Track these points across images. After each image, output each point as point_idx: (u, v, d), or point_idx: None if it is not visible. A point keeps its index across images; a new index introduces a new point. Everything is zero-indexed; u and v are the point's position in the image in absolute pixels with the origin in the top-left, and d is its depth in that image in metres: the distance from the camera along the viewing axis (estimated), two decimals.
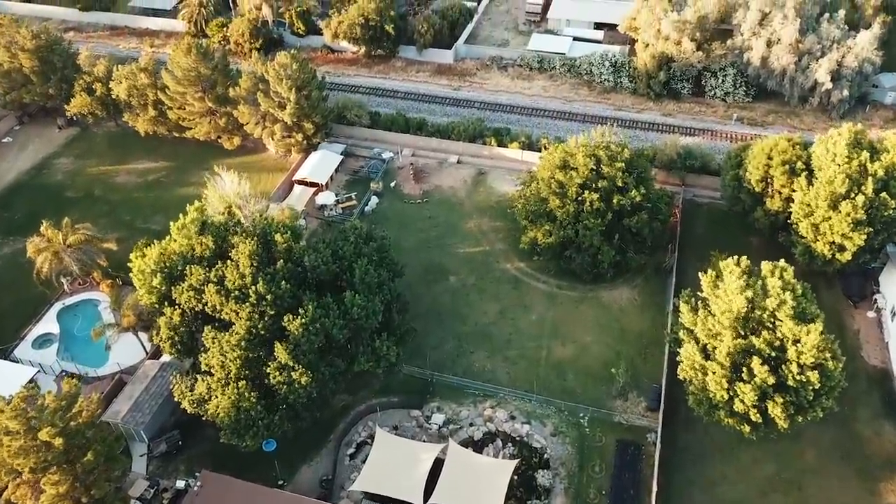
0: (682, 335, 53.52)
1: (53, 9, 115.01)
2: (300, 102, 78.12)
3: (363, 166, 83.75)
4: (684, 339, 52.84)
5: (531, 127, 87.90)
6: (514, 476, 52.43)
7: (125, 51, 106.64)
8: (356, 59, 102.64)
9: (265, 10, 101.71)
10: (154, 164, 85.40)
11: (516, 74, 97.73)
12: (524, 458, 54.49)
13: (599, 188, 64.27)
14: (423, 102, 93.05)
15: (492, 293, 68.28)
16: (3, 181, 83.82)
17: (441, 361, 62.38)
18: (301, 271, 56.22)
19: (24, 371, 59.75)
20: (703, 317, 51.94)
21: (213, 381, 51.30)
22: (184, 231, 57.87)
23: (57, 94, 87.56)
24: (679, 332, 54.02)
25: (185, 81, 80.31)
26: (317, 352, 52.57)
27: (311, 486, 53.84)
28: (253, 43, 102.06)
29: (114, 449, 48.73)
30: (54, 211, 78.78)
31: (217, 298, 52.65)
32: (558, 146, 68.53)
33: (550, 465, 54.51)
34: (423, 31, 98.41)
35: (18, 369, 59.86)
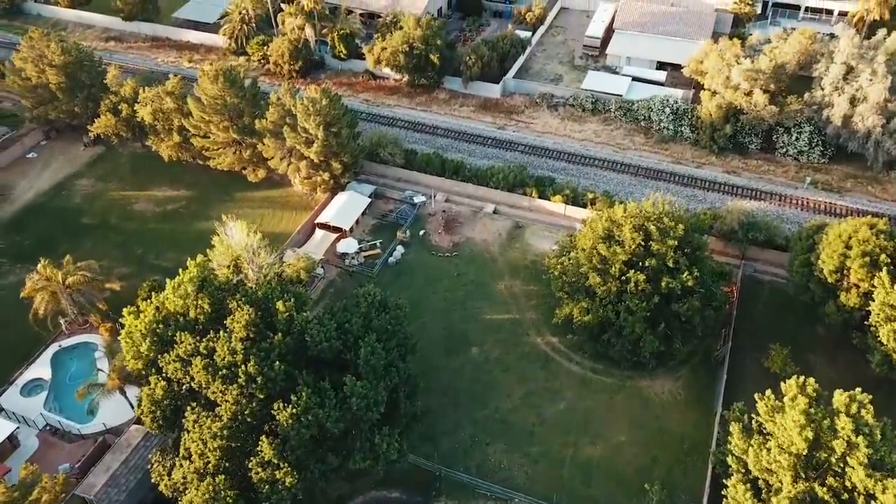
0: (730, 461, 45.71)
1: (98, 17, 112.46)
2: (328, 140, 72.58)
3: (392, 210, 77.72)
4: (733, 468, 45.05)
5: (578, 177, 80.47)
6: None
7: (163, 64, 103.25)
8: (398, 87, 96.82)
9: (307, 30, 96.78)
10: (175, 193, 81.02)
11: (567, 115, 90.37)
12: None
13: (647, 267, 56.74)
14: (464, 141, 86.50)
15: (517, 372, 61.36)
16: (21, 201, 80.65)
17: (453, 451, 55.79)
18: (301, 346, 50.40)
19: (3, 426, 55.38)
20: (756, 445, 44.05)
21: (189, 470, 45.86)
22: (180, 290, 52.60)
23: (83, 112, 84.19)
24: (727, 457, 46.16)
25: (209, 109, 75.64)
26: (308, 444, 46.68)
27: None
28: (293, 64, 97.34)
29: None
30: (67, 238, 75.58)
31: (203, 376, 47.23)
32: (603, 214, 61.12)
33: None
34: (471, 63, 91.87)
35: (2, 426, 55.51)
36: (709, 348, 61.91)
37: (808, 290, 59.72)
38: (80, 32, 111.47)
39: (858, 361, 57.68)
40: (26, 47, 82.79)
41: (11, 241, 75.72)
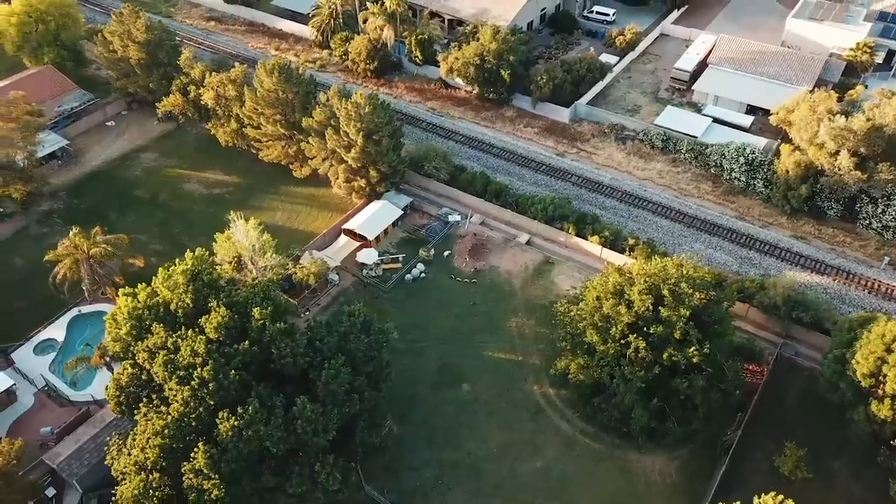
0: None
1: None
2: (367, 148, 71.68)
3: (424, 226, 75.85)
4: None
5: (626, 218, 75.31)
6: None
7: (251, 50, 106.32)
8: (468, 99, 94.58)
9: (387, 31, 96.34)
10: (224, 178, 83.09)
11: (634, 150, 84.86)
12: None
13: (651, 334, 51.82)
14: (517, 164, 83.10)
15: (503, 418, 58.07)
16: (89, 166, 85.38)
17: (412, 490, 53.56)
18: (268, 357, 49.75)
19: (1, 380, 58.54)
20: None
21: (129, 461, 46.36)
22: (170, 280, 53.34)
23: (157, 89, 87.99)
24: None
25: (262, 101, 76.72)
26: (246, 459, 45.97)
27: None
28: (369, 64, 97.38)
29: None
30: (117, 208, 79.20)
31: (162, 371, 47.57)
32: (615, 268, 56.51)
33: None
34: (541, 83, 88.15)
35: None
36: (717, 432, 55.94)
37: (838, 390, 52.52)
38: (186, 10, 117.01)
39: (885, 482, 50.26)
40: (116, 22, 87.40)
41: (70, 204, 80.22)
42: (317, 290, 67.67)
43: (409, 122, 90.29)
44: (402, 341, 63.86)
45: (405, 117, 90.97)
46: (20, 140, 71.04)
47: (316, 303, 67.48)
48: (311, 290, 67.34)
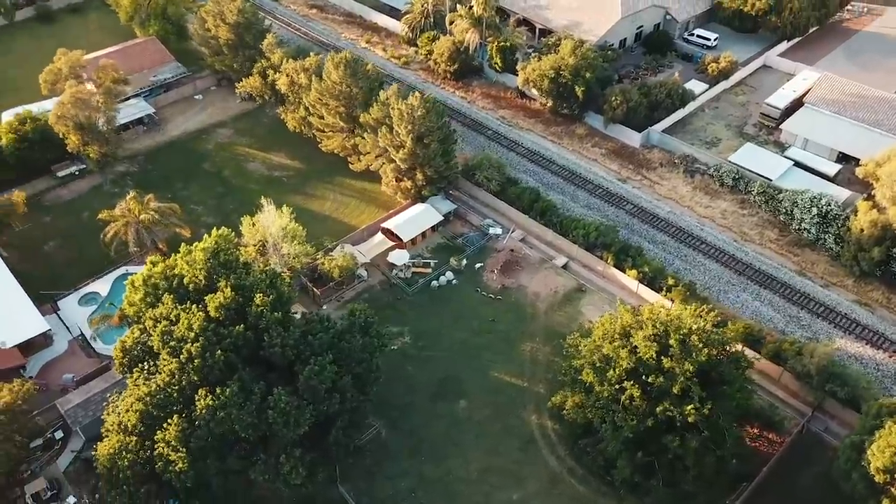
0: None
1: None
2: (416, 150, 71.81)
3: (464, 234, 75.12)
4: None
5: (674, 257, 71.43)
6: None
7: (344, 40, 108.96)
8: (541, 111, 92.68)
9: (471, 35, 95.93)
10: (287, 162, 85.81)
11: (701, 185, 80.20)
12: None
13: (650, 384, 48.91)
14: (573, 184, 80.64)
15: (492, 442, 56.75)
16: (169, 135, 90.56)
17: (383, 498, 53.38)
18: (259, 344, 50.97)
19: (39, 324, 63.27)
20: None
21: (113, 421, 48.96)
22: (190, 255, 55.67)
23: (240, 69, 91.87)
24: None
25: (327, 93, 78.48)
26: (216, 439, 47.37)
27: None
28: (449, 65, 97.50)
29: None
30: (183, 178, 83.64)
31: (158, 341, 49.81)
32: (628, 309, 53.61)
33: None
34: (615, 104, 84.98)
35: (37, 321, 63.47)
36: (717, 498, 52.04)
37: (850, 479, 47.52)
38: None
39: None
40: (213, 1, 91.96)
41: (144, 169, 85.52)
42: (343, 284, 68.58)
43: (474, 128, 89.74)
44: (413, 347, 63.99)
45: (472, 123, 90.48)
46: (102, 104, 76.24)
47: (339, 296, 68.44)
48: (338, 283, 68.32)
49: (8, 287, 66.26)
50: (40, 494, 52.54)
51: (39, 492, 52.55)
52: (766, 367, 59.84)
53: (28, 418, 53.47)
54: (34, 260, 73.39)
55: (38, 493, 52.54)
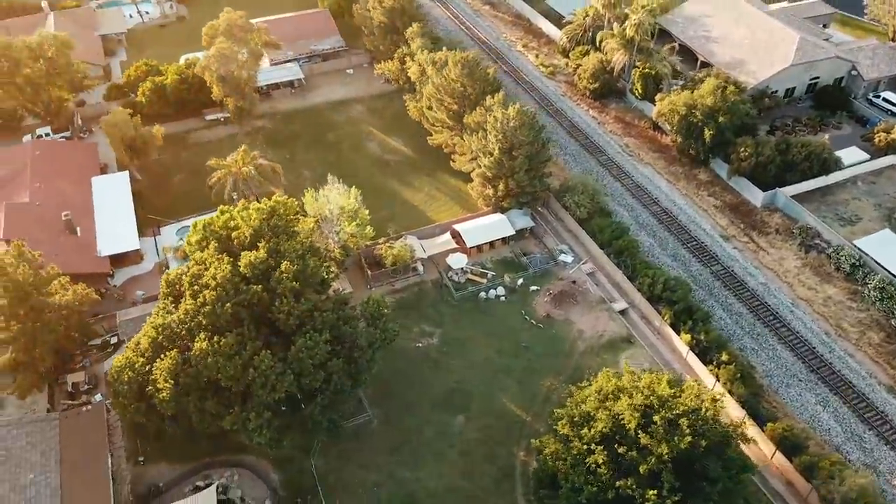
0: None
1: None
2: (502, 160, 71.40)
3: (531, 253, 73.48)
4: None
5: (744, 334, 64.72)
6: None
7: (501, 40, 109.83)
8: (668, 147, 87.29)
9: (618, 56, 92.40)
10: (400, 148, 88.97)
11: (813, 263, 71.30)
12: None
13: (619, 455, 45.58)
14: (667, 229, 75.46)
15: (471, 465, 55.84)
16: (310, 101, 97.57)
17: (346, 482, 54.83)
18: (270, 307, 54.36)
19: (133, 243, 72.03)
20: None
21: (133, 340, 54.88)
22: (245, 212, 60.42)
23: (385, 52, 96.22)
24: None
25: (441, 89, 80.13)
26: (203, 381, 51.47)
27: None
28: (591, 83, 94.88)
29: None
30: (303, 142, 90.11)
31: (187, 282, 54.95)
32: (633, 371, 49.89)
33: None
34: (743, 155, 77.81)
35: (132, 240, 72.22)
36: None
37: None
38: None
39: None
40: None
41: (278, 127, 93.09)
42: (397, 272, 70.40)
43: (591, 150, 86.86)
44: (438, 351, 64.49)
45: (591, 144, 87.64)
46: (244, 63, 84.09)
47: (391, 283, 70.35)
48: (394, 270, 70.25)
49: (124, 205, 75.99)
50: (78, 385, 60.54)
51: (78, 383, 60.57)
52: (796, 480, 52.86)
53: (85, 319, 61.48)
54: (160, 187, 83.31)
55: (77, 383, 60.58)
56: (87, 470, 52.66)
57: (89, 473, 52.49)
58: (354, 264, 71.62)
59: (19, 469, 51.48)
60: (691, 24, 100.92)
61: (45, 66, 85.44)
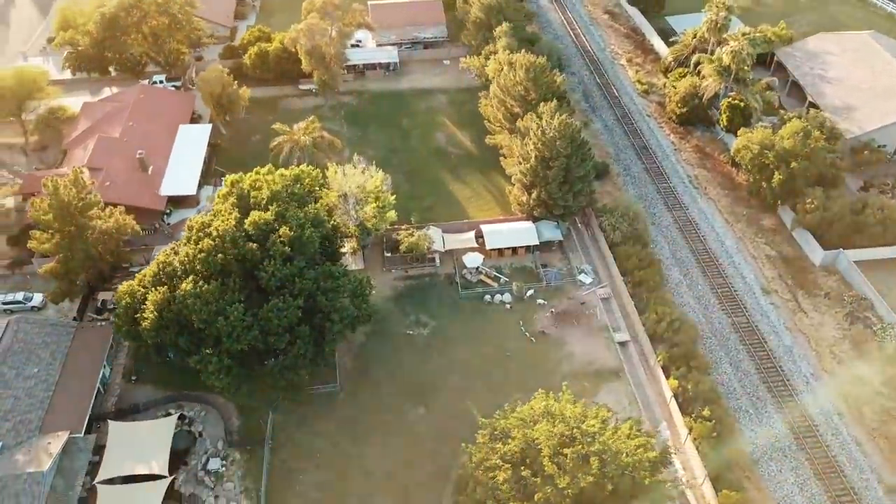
0: None
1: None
2: (536, 168, 70.70)
3: (548, 266, 72.08)
4: None
5: (748, 395, 60.14)
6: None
7: (604, 52, 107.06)
8: (740, 185, 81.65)
9: (710, 83, 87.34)
10: (465, 143, 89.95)
11: (855, 337, 64.29)
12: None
13: (524, 478, 44.88)
14: (702, 271, 71.01)
15: (412, 457, 56.70)
16: (400, 86, 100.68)
17: (295, 443, 57.73)
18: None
19: (190, 188, 78.98)
20: None
21: (141, 272, 60.85)
22: (270, 176, 64.64)
23: (476, 47, 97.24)
24: None
25: (505, 90, 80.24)
26: (184, 318, 56.08)
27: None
28: (678, 107, 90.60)
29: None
30: (381, 124, 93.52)
31: (196, 229, 59.97)
32: (558, 398, 48.58)
33: None
34: (809, 206, 71.35)
35: (191, 185, 79.13)
36: None
37: None
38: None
39: None
40: None
41: (361, 106, 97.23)
42: (414, 260, 71.95)
43: (655, 175, 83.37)
44: (425, 342, 65.57)
45: (656, 169, 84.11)
46: (333, 40, 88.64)
47: (405, 268, 72.04)
48: (411, 258, 71.88)
49: (197, 153, 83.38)
50: (106, 303, 67.99)
51: (107, 301, 68.01)
52: None
53: (121, 246, 68.45)
54: (239, 143, 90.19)
55: (105, 301, 68.08)
56: (81, 376, 59.45)
57: (82, 380, 59.22)
58: (377, 245, 74.09)
59: (28, 361, 59.12)
60: (809, 59, 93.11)
61: (168, 20, 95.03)
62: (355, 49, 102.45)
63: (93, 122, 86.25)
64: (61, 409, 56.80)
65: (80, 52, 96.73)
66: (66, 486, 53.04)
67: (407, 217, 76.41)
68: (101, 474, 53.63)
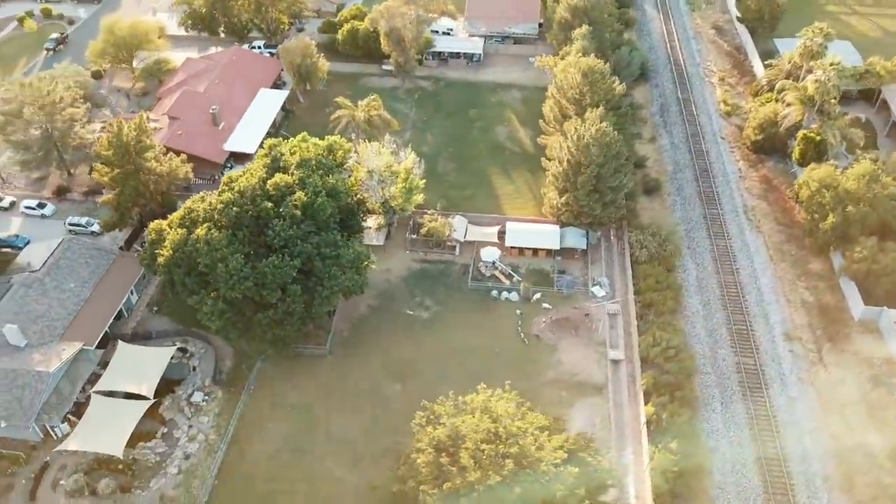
0: None
1: (734, 9, 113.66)
2: (567, 173, 69.90)
3: (565, 273, 71.06)
4: None
5: (726, 437, 56.89)
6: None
7: (701, 68, 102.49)
8: (799, 225, 75.83)
9: (789, 111, 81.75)
10: (523, 140, 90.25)
11: (874, 401, 58.97)
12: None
13: (441, 465, 45.77)
14: (724, 306, 67.27)
15: (376, 425, 58.92)
16: (478, 77, 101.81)
17: (276, 394, 61.33)
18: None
19: (251, 147, 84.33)
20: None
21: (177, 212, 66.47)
22: (305, 143, 68.38)
23: (557, 47, 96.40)
24: None
25: (561, 91, 79.51)
26: (191, 261, 60.99)
27: None
28: (754, 134, 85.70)
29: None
30: (447, 112, 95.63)
31: (224, 183, 64.84)
32: (500, 396, 48.60)
33: None
34: (857, 257, 65.70)
35: (252, 145, 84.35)
36: None
37: None
38: (709, 14, 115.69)
39: None
40: None
41: (435, 92, 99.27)
42: (434, 244, 73.42)
43: (707, 200, 79.53)
44: (423, 324, 67.15)
45: (709, 194, 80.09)
46: (411, 24, 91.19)
47: (424, 251, 73.60)
48: (433, 242, 73.39)
49: (268, 116, 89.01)
50: None
51: None
52: None
53: (171, 190, 74.82)
54: (313, 111, 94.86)
55: None
56: (107, 298, 66.25)
57: (107, 302, 65.95)
58: (404, 225, 76.14)
59: (69, 277, 66.48)
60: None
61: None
62: (443, 37, 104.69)
63: (187, 76, 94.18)
64: (83, 323, 63.64)
65: (195, 13, 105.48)
66: (69, 391, 59.73)
67: (441, 202, 78.03)
68: (98, 385, 59.82)
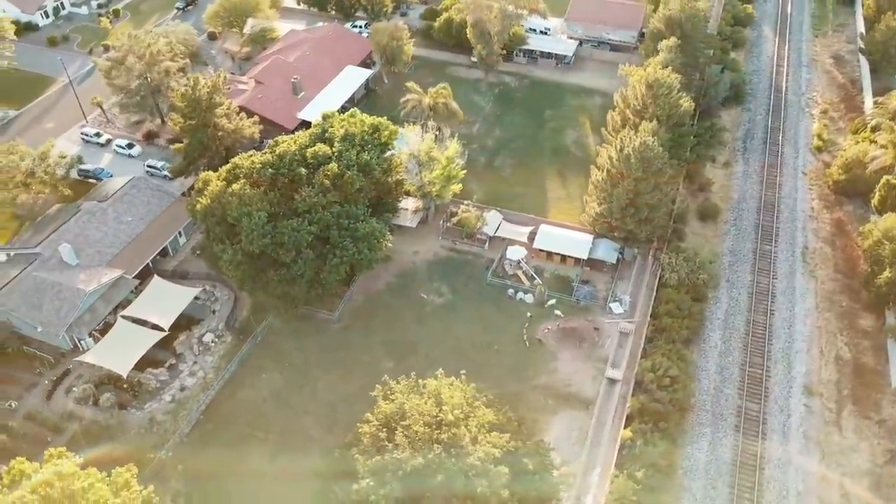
0: None
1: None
2: (606, 184, 68.11)
3: (585, 288, 69.31)
4: None
5: (704, 484, 53.87)
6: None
7: (804, 98, 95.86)
8: (859, 272, 69.88)
9: (880, 153, 74.89)
10: (590, 145, 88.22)
11: (886, 479, 53.67)
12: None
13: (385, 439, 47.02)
14: (745, 347, 63.38)
15: (360, 397, 59.18)
16: (563, 80, 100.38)
17: (279, 349, 64.66)
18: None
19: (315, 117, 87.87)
20: None
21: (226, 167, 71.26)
22: (353, 119, 71.07)
23: (646, 57, 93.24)
24: None
25: (626, 102, 77.30)
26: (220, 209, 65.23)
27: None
28: (839, 174, 79.46)
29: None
30: (521, 109, 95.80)
31: (271, 147, 68.87)
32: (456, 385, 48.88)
33: None
34: None
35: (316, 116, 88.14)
36: None
37: None
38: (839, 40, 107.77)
39: None
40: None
41: (514, 89, 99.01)
42: (465, 235, 74.02)
43: (764, 237, 74.97)
44: (435, 310, 68.05)
45: (769, 230, 75.34)
46: (494, 18, 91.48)
47: (456, 240, 74.29)
48: (466, 234, 74.06)
49: (347, 92, 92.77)
50: None
51: None
52: None
53: (236, 147, 79.86)
54: (394, 93, 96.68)
55: None
56: (157, 236, 72.39)
57: (155, 239, 72.09)
58: (443, 212, 77.18)
59: (128, 212, 73.24)
60: None
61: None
62: (538, 36, 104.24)
63: (285, 45, 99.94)
64: (129, 253, 69.99)
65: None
66: (102, 311, 66.02)
67: (486, 194, 78.48)
68: (126, 311, 65.69)
